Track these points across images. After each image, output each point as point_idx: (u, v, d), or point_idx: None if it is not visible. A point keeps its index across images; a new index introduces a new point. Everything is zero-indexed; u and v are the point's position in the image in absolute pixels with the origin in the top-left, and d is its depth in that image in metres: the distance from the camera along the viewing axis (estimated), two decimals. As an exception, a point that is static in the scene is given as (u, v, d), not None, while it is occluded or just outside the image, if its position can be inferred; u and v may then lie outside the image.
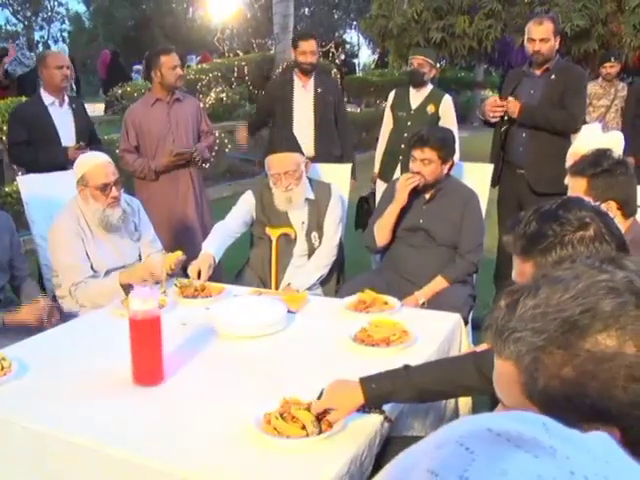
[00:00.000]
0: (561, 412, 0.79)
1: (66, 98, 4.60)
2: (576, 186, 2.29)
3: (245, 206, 3.58)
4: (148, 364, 2.17)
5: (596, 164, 2.25)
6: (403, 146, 4.51)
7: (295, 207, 3.50)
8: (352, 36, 33.89)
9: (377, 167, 5.09)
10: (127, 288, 3.03)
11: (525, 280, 1.56)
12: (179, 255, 3.12)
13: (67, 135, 4.49)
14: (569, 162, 3.08)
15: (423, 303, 3.28)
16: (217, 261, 3.29)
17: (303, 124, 4.75)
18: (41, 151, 4.34)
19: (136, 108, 4.69)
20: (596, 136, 3.09)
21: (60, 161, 4.20)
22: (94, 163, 3.21)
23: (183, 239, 4.46)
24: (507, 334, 0.83)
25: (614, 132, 3.66)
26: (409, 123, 4.82)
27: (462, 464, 0.54)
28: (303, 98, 4.83)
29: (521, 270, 1.57)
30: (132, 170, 4.55)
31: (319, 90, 4.85)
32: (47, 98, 4.49)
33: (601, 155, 2.30)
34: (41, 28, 31.10)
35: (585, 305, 0.79)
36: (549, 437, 0.57)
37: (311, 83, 4.85)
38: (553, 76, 4.20)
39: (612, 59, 6.65)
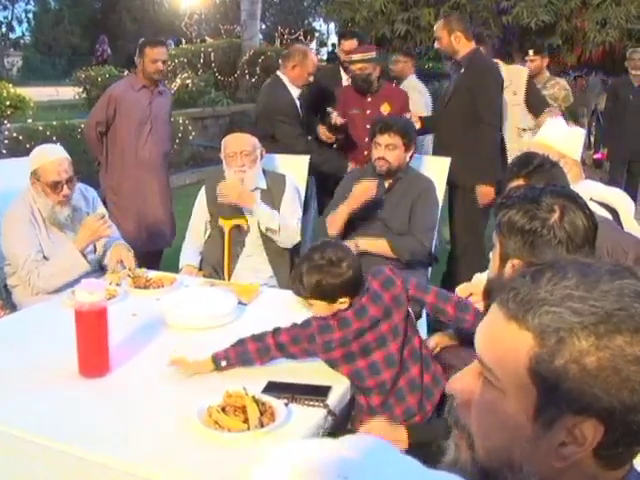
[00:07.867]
0: (557, 396, 0.78)
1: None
2: (516, 188, 2.36)
3: (199, 210, 3.57)
4: (94, 356, 2.16)
5: (527, 163, 2.35)
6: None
7: None
8: (321, 24, 33.71)
9: None
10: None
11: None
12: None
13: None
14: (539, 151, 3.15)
15: (357, 247, 3.25)
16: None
17: None
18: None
19: (120, 87, 4.74)
20: (560, 128, 3.14)
21: None
22: (49, 159, 3.13)
23: (145, 229, 4.58)
24: (537, 305, 0.80)
25: (577, 128, 3.69)
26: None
27: None
28: None
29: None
30: (88, 144, 4.84)
31: None
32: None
33: (527, 156, 2.42)
34: (4, 8, 30.23)
35: (621, 303, 0.78)
36: None
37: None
38: (462, 69, 4.36)
39: (531, 52, 5.57)
